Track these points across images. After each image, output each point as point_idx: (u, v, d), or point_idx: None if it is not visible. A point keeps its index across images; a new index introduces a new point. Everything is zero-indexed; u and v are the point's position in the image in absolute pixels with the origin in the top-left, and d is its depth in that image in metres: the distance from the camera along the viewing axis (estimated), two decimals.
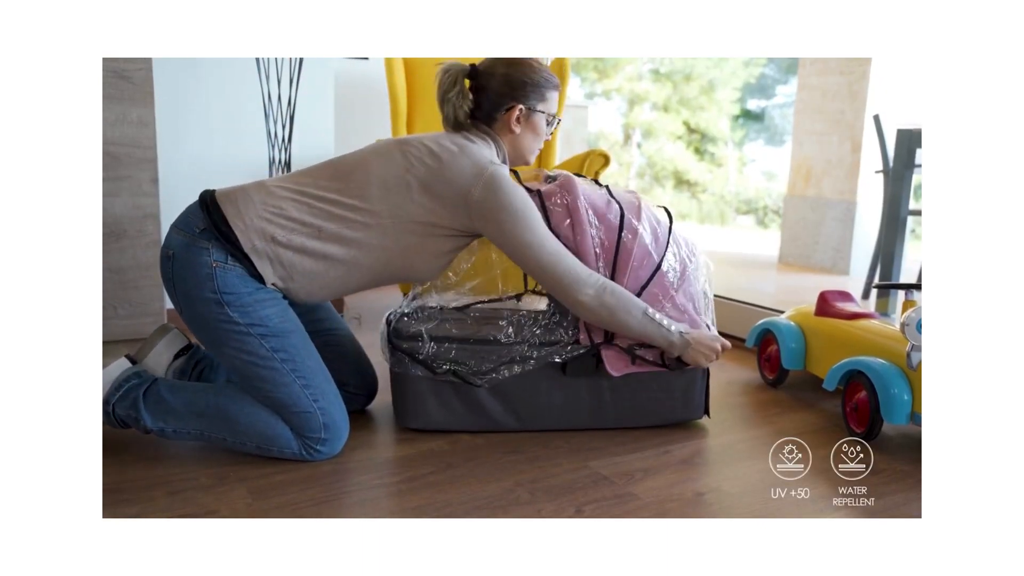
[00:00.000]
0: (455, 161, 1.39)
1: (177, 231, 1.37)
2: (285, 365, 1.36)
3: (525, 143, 1.51)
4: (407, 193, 1.38)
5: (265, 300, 1.36)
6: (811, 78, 4.65)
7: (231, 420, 1.38)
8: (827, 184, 4.58)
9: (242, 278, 1.34)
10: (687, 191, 8.03)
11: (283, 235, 1.35)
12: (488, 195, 1.37)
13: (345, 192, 1.38)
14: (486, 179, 1.37)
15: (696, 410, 1.64)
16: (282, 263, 1.36)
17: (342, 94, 2.89)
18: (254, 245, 1.34)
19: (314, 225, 1.36)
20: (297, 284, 1.39)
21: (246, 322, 1.34)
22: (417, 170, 1.39)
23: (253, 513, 1.21)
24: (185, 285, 1.35)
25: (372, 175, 1.39)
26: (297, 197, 1.37)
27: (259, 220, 1.34)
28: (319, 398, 1.39)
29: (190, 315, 1.38)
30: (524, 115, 1.48)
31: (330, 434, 1.39)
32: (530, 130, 1.50)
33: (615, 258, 1.48)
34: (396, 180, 1.38)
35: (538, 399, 1.55)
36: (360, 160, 1.42)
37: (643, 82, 8.22)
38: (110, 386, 1.40)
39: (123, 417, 1.39)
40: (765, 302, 2.44)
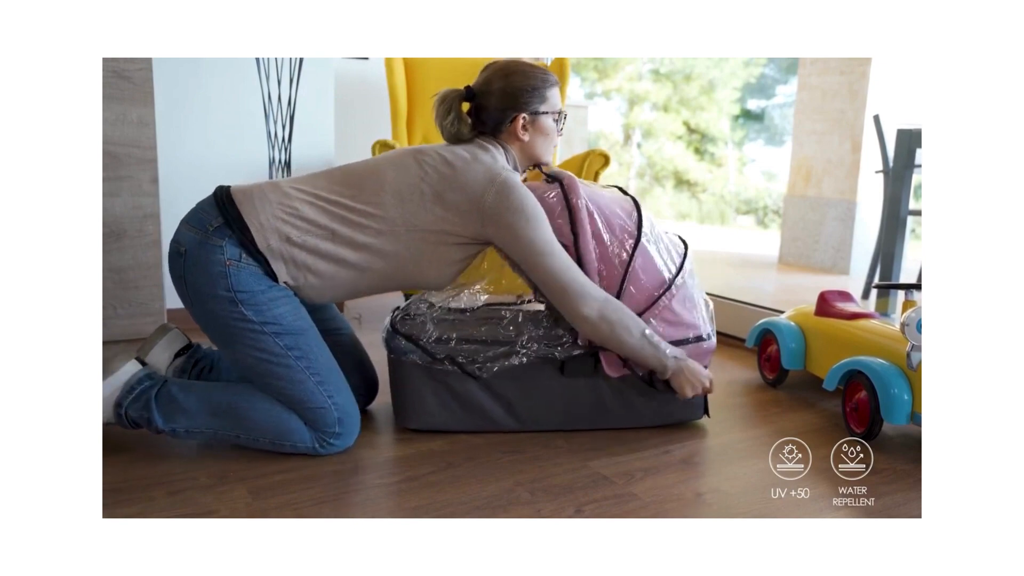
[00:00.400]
0: (468, 168, 1.40)
1: (189, 227, 1.37)
2: (300, 363, 1.37)
3: (537, 147, 1.52)
4: (421, 201, 1.39)
5: (278, 298, 1.37)
6: (811, 78, 4.65)
7: (244, 417, 1.38)
8: (827, 184, 4.58)
9: (255, 276, 1.34)
10: (687, 191, 8.04)
11: (298, 236, 1.35)
12: (501, 200, 1.38)
13: (359, 198, 1.39)
14: (499, 185, 1.38)
15: (695, 410, 1.64)
16: (295, 263, 1.36)
17: (342, 94, 2.89)
18: (269, 244, 1.34)
19: (329, 228, 1.37)
20: (308, 284, 1.39)
21: (260, 320, 1.34)
22: (431, 178, 1.40)
23: (253, 513, 1.21)
24: (197, 282, 1.35)
25: (386, 183, 1.40)
26: (312, 200, 1.38)
27: (275, 219, 1.35)
28: (333, 393, 1.40)
29: (201, 312, 1.38)
30: (529, 122, 1.48)
31: (344, 428, 1.41)
32: (539, 133, 1.51)
33: (629, 263, 1.48)
34: (410, 188, 1.39)
35: (537, 399, 1.55)
36: (374, 168, 1.43)
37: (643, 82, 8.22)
38: (122, 389, 1.40)
39: (135, 419, 1.39)
40: (765, 302, 2.44)
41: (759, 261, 5.20)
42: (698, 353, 1.56)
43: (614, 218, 1.51)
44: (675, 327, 1.53)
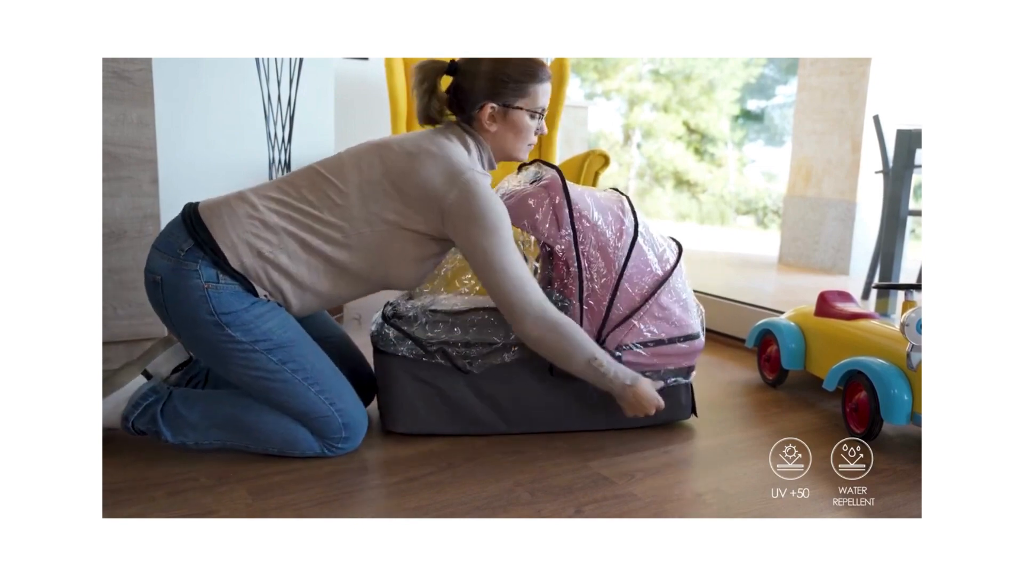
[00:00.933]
0: (432, 163, 1.37)
1: (160, 254, 1.34)
2: (296, 375, 1.36)
3: (507, 141, 1.46)
4: (384, 199, 1.37)
5: (264, 314, 1.35)
6: (811, 78, 4.64)
7: (250, 429, 1.38)
8: (827, 184, 4.58)
9: (237, 295, 1.33)
10: (687, 191, 8.03)
11: (269, 250, 1.34)
12: (462, 204, 1.34)
13: (325, 201, 1.36)
14: (461, 185, 1.35)
15: (683, 411, 1.64)
16: (270, 277, 1.35)
17: (342, 94, 2.89)
18: (243, 262, 1.33)
19: (297, 237, 1.35)
20: (287, 296, 1.38)
21: (249, 340, 1.33)
22: (392, 174, 1.38)
23: (253, 513, 1.21)
24: (179, 310, 1.33)
25: (350, 183, 1.38)
26: (279, 209, 1.36)
27: (245, 234, 1.33)
28: (335, 400, 1.39)
29: (189, 338, 1.37)
30: (498, 113, 1.43)
31: (350, 432, 1.40)
32: (508, 128, 1.44)
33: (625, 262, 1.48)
34: (372, 186, 1.37)
35: (526, 401, 1.54)
36: (339, 166, 1.41)
37: (643, 82, 8.22)
38: (127, 403, 1.39)
39: (144, 430, 1.39)
40: (765, 302, 2.44)
41: (759, 261, 5.20)
42: (691, 352, 1.57)
43: (606, 217, 1.51)
44: (669, 325, 1.53)
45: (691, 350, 1.58)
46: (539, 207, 1.47)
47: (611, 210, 1.53)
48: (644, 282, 1.52)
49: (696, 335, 1.58)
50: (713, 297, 2.54)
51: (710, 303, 2.48)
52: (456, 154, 1.40)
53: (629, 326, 1.51)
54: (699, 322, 1.60)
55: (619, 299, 1.50)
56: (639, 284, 1.51)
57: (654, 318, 1.52)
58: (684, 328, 1.56)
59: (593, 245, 1.48)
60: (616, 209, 1.54)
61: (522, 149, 1.49)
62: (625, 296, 1.50)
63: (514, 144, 1.47)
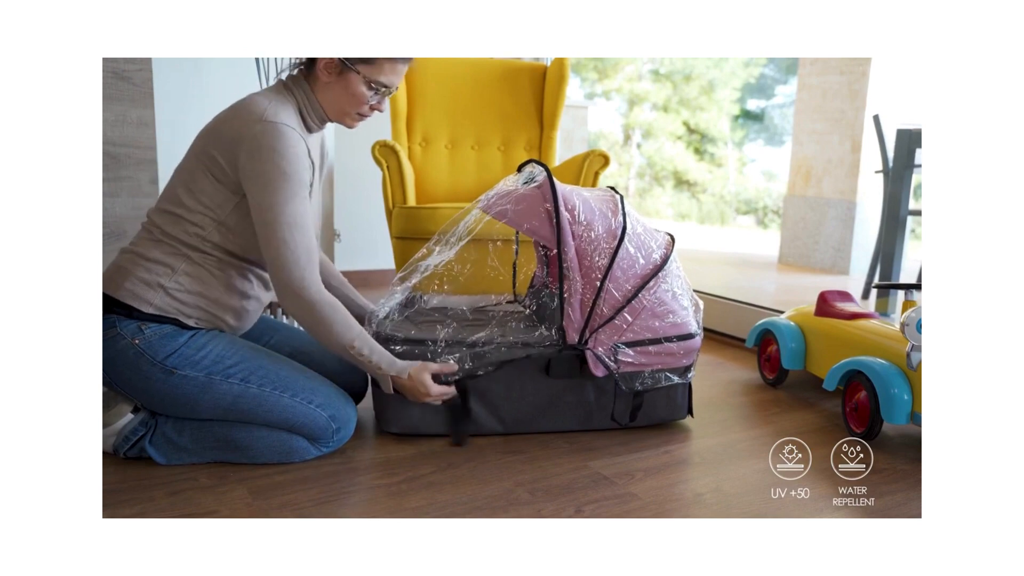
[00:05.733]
0: (233, 115, 1.34)
1: None
2: (264, 388, 1.35)
3: (334, 98, 1.39)
4: (204, 178, 1.34)
5: (207, 343, 1.34)
6: (811, 78, 4.65)
7: (243, 447, 1.37)
8: (827, 184, 4.58)
9: (169, 336, 1.32)
10: (687, 191, 8.04)
11: (168, 280, 1.33)
12: (253, 150, 1.29)
13: (179, 208, 1.35)
14: (257, 131, 1.29)
15: (679, 411, 1.63)
16: (188, 302, 1.34)
17: None
18: (153, 303, 1.32)
19: (181, 254, 1.34)
20: (215, 312, 1.37)
21: (204, 372, 1.32)
22: (198, 143, 1.36)
23: (253, 513, 1.21)
24: (124, 376, 1.32)
25: (179, 182, 1.37)
26: (154, 237, 1.36)
27: (141, 278, 1.32)
28: (313, 398, 1.38)
29: (149, 400, 1.35)
30: (335, 67, 1.36)
31: (339, 422, 1.40)
32: (340, 87, 1.37)
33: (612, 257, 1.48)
34: (191, 172, 1.36)
35: (522, 401, 1.54)
36: (176, 169, 1.41)
37: (643, 82, 8.22)
38: (118, 438, 1.37)
39: (135, 457, 1.38)
40: (765, 302, 2.44)
41: (759, 261, 5.20)
42: (684, 352, 1.56)
43: (595, 216, 1.50)
44: (659, 324, 1.52)
45: (683, 350, 1.55)
46: (537, 209, 1.47)
47: (601, 210, 1.52)
48: (630, 283, 1.51)
49: (690, 335, 1.56)
50: (713, 297, 2.54)
51: (710, 303, 2.48)
52: (266, 103, 1.34)
53: (613, 326, 1.50)
54: (696, 321, 1.58)
55: (603, 299, 1.49)
56: (624, 285, 1.50)
57: (641, 318, 1.51)
58: (677, 328, 1.54)
59: (580, 244, 1.47)
60: (607, 209, 1.53)
61: (349, 115, 1.43)
62: (609, 297, 1.49)
63: (341, 107, 1.41)
